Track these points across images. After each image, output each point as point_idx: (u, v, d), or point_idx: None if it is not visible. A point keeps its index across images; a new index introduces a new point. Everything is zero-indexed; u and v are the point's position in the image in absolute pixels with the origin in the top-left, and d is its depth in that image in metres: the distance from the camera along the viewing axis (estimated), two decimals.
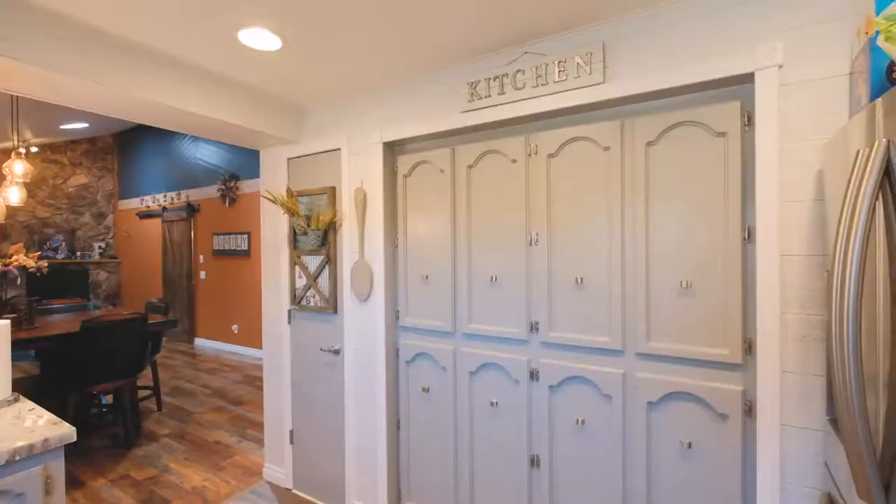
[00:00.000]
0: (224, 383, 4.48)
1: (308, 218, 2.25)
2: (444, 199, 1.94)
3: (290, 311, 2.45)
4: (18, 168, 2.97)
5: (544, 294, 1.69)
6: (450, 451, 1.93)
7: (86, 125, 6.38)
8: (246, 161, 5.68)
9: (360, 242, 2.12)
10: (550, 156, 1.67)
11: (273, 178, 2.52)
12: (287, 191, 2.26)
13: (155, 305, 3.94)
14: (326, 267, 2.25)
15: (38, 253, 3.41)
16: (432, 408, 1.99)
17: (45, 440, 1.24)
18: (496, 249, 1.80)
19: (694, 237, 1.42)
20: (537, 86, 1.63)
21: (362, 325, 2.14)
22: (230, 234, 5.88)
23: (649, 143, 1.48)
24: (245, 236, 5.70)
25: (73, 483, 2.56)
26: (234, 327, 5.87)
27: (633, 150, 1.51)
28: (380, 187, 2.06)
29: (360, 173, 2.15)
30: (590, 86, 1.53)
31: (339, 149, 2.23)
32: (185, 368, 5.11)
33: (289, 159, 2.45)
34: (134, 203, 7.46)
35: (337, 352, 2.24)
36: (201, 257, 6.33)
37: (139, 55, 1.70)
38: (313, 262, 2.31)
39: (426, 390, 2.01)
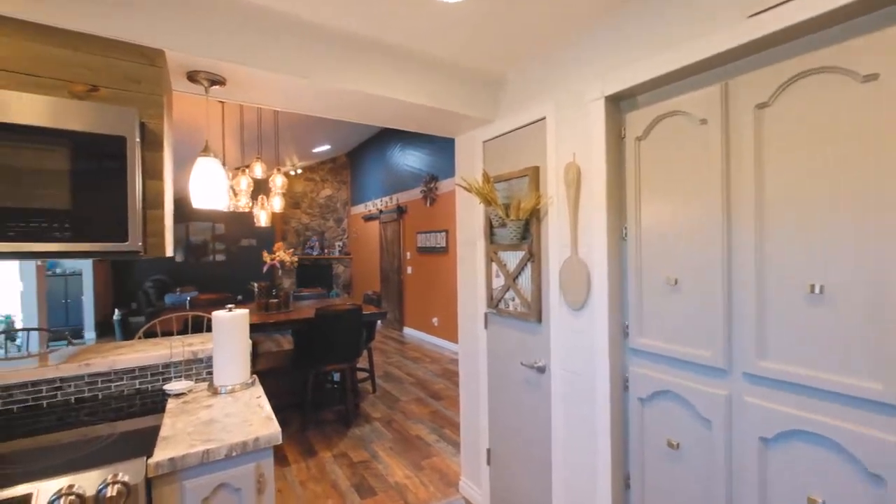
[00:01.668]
0: (425, 374, 4.69)
1: (506, 207, 1.91)
2: (706, 164, 1.28)
3: (486, 315, 2.16)
4: (278, 181, 3.68)
5: None
6: None
7: (328, 147, 7.84)
8: (443, 161, 5.91)
9: (573, 234, 1.64)
10: None
11: (468, 166, 2.28)
12: (483, 175, 1.96)
13: (370, 297, 4.37)
14: (528, 265, 1.86)
15: (292, 250, 4.19)
16: (685, 474, 1.35)
17: (257, 439, 1.22)
18: (823, 241, 1.05)
19: None
20: None
21: (575, 341, 1.66)
22: (431, 232, 6.24)
23: None
24: (443, 234, 5.94)
25: (308, 450, 2.93)
26: (434, 320, 6.21)
27: None
28: (600, 158, 1.54)
29: (571, 145, 1.67)
30: None
31: (543, 118, 1.80)
32: (395, 355, 5.63)
33: (484, 142, 2.16)
34: (360, 208, 8.85)
35: (541, 370, 1.82)
36: (408, 254, 6.97)
37: (334, 42, 1.64)
38: (512, 258, 1.95)
39: (674, 446, 1.38)
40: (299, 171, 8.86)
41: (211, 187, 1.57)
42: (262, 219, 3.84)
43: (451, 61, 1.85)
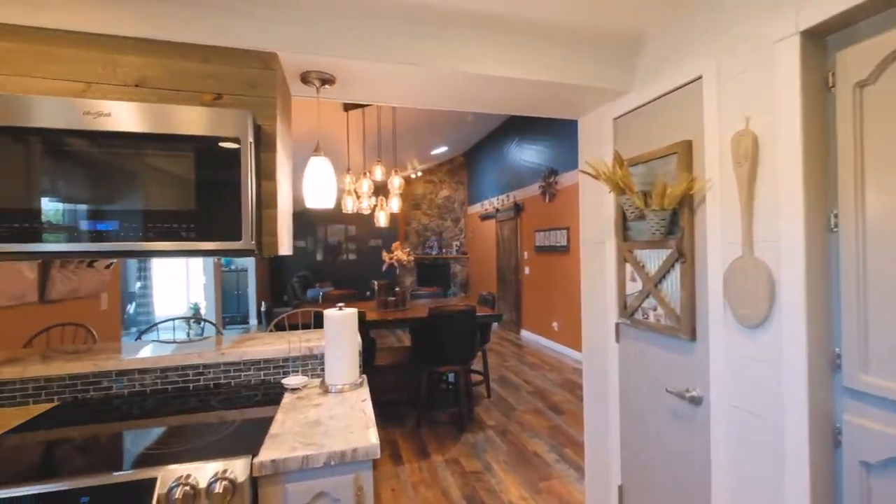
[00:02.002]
0: (544, 383, 4.36)
1: (645, 195, 1.54)
2: None
3: (617, 325, 1.81)
4: (395, 183, 3.79)
5: None
6: None
7: (445, 148, 7.99)
8: (564, 153, 5.47)
9: (746, 226, 1.22)
10: None
11: (594, 150, 1.95)
12: (614, 158, 1.63)
13: (485, 298, 4.23)
14: (676, 266, 1.47)
15: (409, 249, 4.30)
16: None
17: (355, 451, 1.14)
18: None
19: None
20: None
21: (750, 371, 1.23)
22: (550, 230, 5.85)
23: None
24: (563, 232, 5.50)
25: (421, 450, 2.90)
26: (554, 324, 5.80)
27: None
28: (792, 119, 1.10)
29: (741, 107, 1.24)
30: None
31: (697, 78, 1.39)
32: (512, 358, 5.40)
33: (615, 119, 1.81)
34: (477, 207, 8.83)
35: (695, 401, 1.42)
36: (525, 253, 6.67)
37: (445, 23, 1.50)
38: (653, 258, 1.57)
39: None
40: (419, 173, 9.24)
41: (321, 187, 1.57)
42: (382, 219, 4.02)
43: (575, 26, 1.56)
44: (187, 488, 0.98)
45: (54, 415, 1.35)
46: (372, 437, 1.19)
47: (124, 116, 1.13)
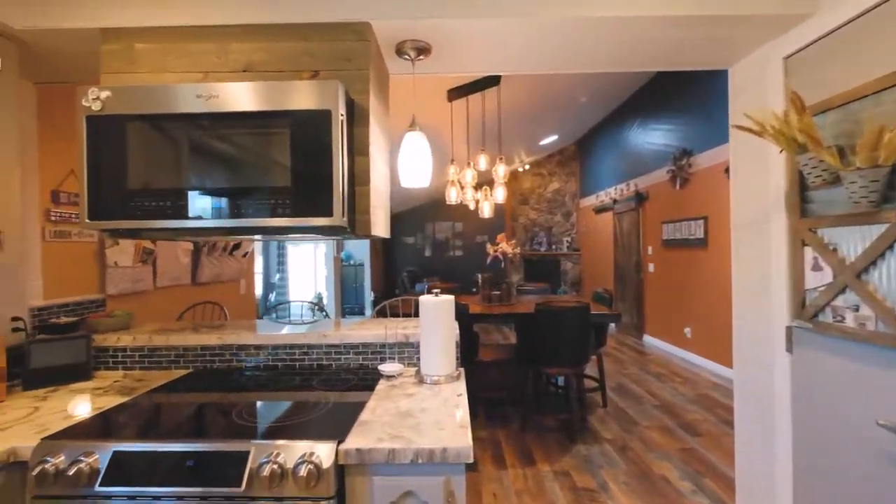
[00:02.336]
0: (674, 397, 3.75)
1: (840, 149, 1.11)
2: None
3: (790, 329, 1.36)
4: (500, 171, 3.61)
5: None
6: None
7: (555, 137, 7.53)
8: (699, 130, 4.65)
9: None
10: None
11: (752, 101, 1.52)
12: (792, 103, 1.20)
13: (600, 296, 3.79)
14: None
15: (514, 241, 4.08)
16: None
17: (444, 450, 1.00)
18: None
19: None
20: None
21: None
22: (681, 220, 5.05)
23: None
24: (699, 222, 4.69)
25: (526, 456, 2.68)
26: (687, 330, 5.00)
27: None
28: None
29: None
30: None
31: None
32: (632, 366, 4.80)
33: (786, 58, 1.37)
34: (591, 200, 8.16)
35: None
36: (649, 248, 5.90)
37: None
38: (854, 238, 1.13)
39: None
40: (527, 166, 8.91)
41: (417, 164, 1.48)
42: (487, 210, 3.87)
43: None
44: (275, 467, 0.95)
45: (186, 380, 1.49)
46: (464, 437, 1.04)
47: (229, 96, 1.16)
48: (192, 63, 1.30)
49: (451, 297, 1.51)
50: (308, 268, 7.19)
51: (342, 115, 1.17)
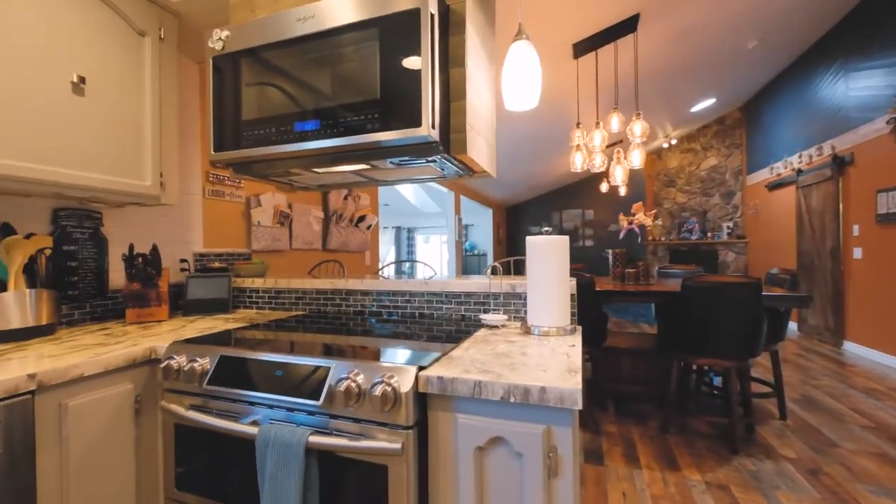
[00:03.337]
0: (892, 418, 2.72)
1: None
2: None
3: None
4: (637, 129, 3.09)
5: None
6: None
7: (712, 101, 6.32)
8: None
9: None
10: None
11: None
12: None
13: (777, 278, 2.97)
14: None
15: (654, 212, 3.46)
16: None
17: (543, 390, 0.79)
18: None
19: None
20: None
21: None
22: None
23: None
24: None
25: (666, 459, 2.21)
26: None
27: None
28: None
29: None
30: None
31: None
32: (825, 376, 3.68)
33: None
34: (762, 175, 6.63)
35: None
36: (854, 228, 4.48)
37: None
38: None
39: None
40: (673, 141, 7.71)
41: (524, 80, 1.28)
42: (618, 176, 3.37)
43: None
44: (352, 384, 0.87)
45: (300, 318, 1.56)
46: (572, 380, 0.81)
47: (325, 14, 1.14)
48: None
49: (565, 237, 1.27)
50: (434, 257, 7.48)
51: (432, 13, 1.05)
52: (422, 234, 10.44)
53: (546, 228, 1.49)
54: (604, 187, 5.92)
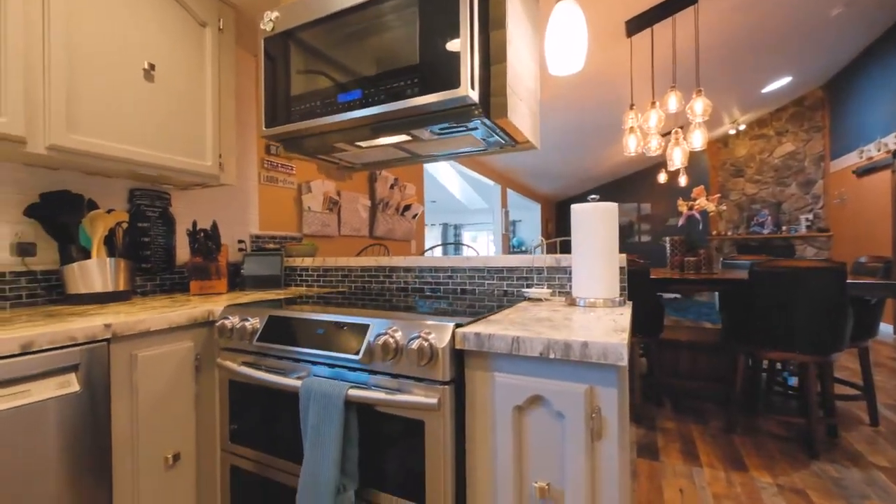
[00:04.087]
0: None
1: None
2: None
3: None
4: (698, 108, 2.86)
5: None
6: None
7: (788, 79, 5.75)
8: None
9: None
10: None
11: None
12: None
13: (865, 267, 2.63)
14: None
15: (718, 196, 3.19)
16: None
17: (585, 345, 0.75)
18: None
19: None
20: None
21: None
22: None
23: None
24: None
25: (731, 458, 2.03)
26: None
27: None
28: None
29: None
30: None
31: None
32: None
33: None
34: (850, 160, 5.93)
35: None
36: None
37: None
38: None
39: None
40: (741, 127, 7.10)
41: (568, 42, 1.22)
42: (677, 159, 3.14)
43: None
44: (390, 339, 0.88)
45: (345, 294, 1.61)
46: (616, 336, 0.76)
47: None
48: None
49: (614, 204, 1.20)
50: (481, 249, 7.44)
51: None
52: (469, 231, 10.43)
53: (593, 196, 1.40)
54: (661, 178, 5.57)
